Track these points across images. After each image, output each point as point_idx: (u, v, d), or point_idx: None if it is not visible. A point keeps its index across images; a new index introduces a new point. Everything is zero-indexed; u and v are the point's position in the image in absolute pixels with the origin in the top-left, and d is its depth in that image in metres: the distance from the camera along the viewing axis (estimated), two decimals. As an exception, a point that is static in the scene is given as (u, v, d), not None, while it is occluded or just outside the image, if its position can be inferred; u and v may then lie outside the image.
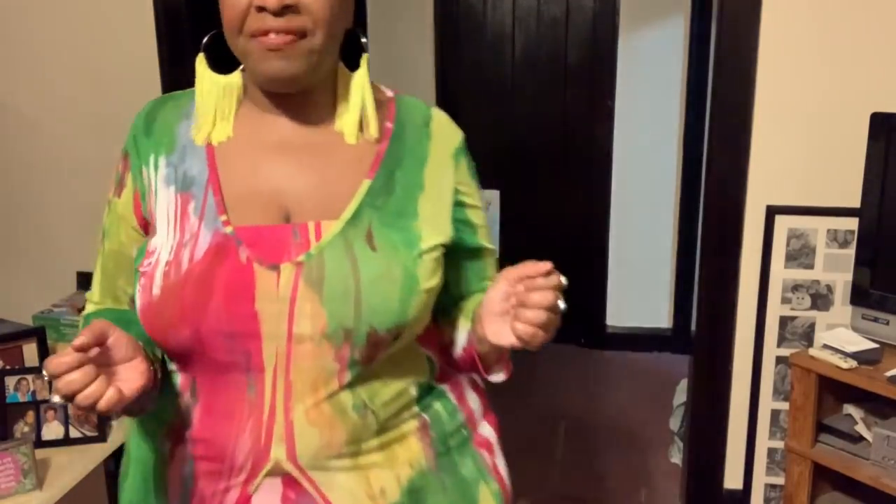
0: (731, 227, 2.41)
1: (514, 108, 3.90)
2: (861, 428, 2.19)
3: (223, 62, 1.03)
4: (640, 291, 3.98)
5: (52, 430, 2.19)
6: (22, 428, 2.15)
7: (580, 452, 3.10)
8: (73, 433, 2.20)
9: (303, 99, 1.00)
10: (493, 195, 3.92)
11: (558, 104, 3.88)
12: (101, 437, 2.24)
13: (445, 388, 1.10)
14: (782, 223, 2.38)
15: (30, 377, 2.17)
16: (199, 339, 0.94)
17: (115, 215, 1.07)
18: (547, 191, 3.96)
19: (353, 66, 1.02)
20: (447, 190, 1.05)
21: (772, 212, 2.37)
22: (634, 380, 3.72)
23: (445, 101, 3.91)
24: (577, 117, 3.87)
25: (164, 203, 1.00)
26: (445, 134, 1.08)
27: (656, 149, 3.81)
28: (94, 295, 1.11)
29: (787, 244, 2.39)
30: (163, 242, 0.97)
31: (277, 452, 0.96)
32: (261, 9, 0.91)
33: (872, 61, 2.25)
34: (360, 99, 1.01)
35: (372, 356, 0.97)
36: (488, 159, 3.91)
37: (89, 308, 1.12)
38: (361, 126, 1.02)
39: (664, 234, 3.90)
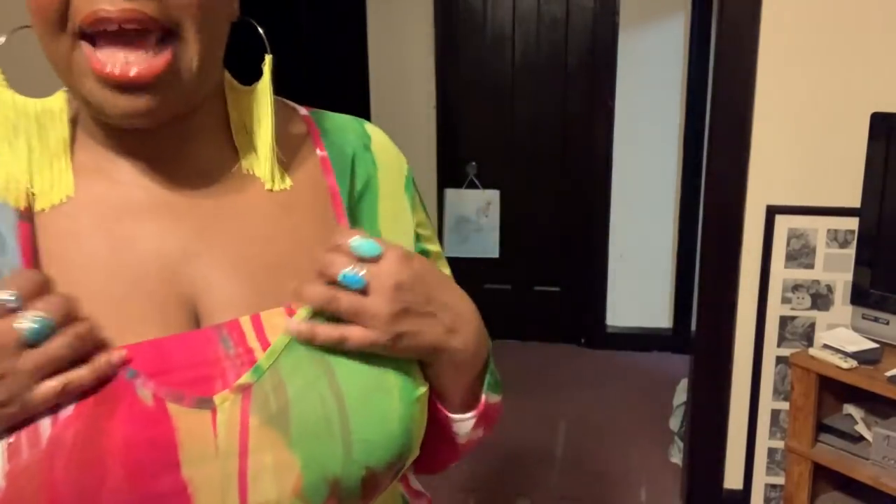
0: (731, 227, 2.41)
1: (514, 108, 3.90)
2: (861, 428, 2.19)
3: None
4: (640, 291, 3.98)
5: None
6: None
7: (580, 452, 3.10)
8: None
9: (172, 131, 0.63)
10: (493, 195, 3.92)
11: (558, 104, 3.87)
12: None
13: None
14: (782, 223, 2.38)
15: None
16: None
17: None
18: (547, 191, 3.96)
19: (248, 74, 0.70)
20: (407, 236, 0.74)
21: (772, 212, 2.37)
22: (634, 380, 3.72)
23: (445, 100, 3.91)
24: (577, 117, 3.87)
25: None
26: (391, 158, 0.76)
27: (656, 149, 3.81)
28: None
29: (787, 244, 2.39)
30: None
31: None
32: None
33: (872, 61, 2.25)
34: (268, 124, 0.67)
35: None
36: (488, 159, 3.93)
37: None
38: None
39: (664, 234, 3.90)
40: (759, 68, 2.30)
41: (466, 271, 2.93)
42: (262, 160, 0.67)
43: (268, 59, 0.68)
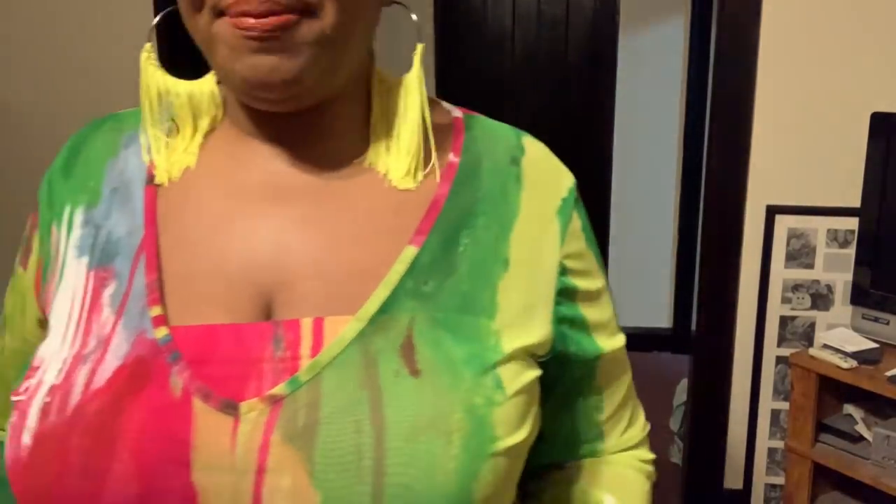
0: (731, 227, 2.41)
1: (514, 108, 3.90)
2: (861, 428, 2.18)
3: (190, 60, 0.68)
4: (640, 291, 3.97)
5: (52, 430, 2.20)
6: (22, 428, 2.15)
7: (580, 452, 3.10)
8: (73, 433, 2.20)
9: (311, 119, 0.61)
10: (493, 195, 3.92)
11: (558, 104, 3.87)
12: (102, 437, 2.24)
13: None
14: (782, 223, 2.37)
15: (30, 377, 2.18)
16: None
17: (18, 295, 0.68)
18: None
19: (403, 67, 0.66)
20: (548, 270, 0.63)
21: (772, 212, 2.37)
22: (634, 380, 3.71)
23: (445, 100, 3.90)
24: (577, 117, 3.87)
25: (69, 285, 0.60)
26: (545, 177, 0.67)
27: (656, 149, 3.81)
28: None
29: (787, 244, 2.39)
30: (54, 353, 0.57)
31: None
32: None
33: (872, 61, 2.25)
34: (416, 117, 0.62)
35: None
36: (488, 159, 3.93)
37: None
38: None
39: (664, 234, 3.90)
40: (759, 68, 2.30)
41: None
42: (392, 154, 0.62)
43: (419, 48, 0.64)
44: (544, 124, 3.89)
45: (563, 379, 0.66)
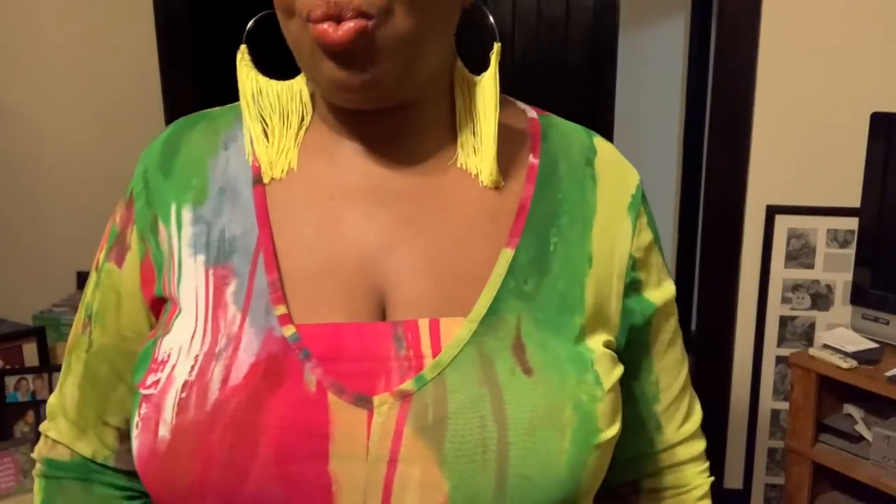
0: (731, 227, 2.41)
1: (514, 108, 3.91)
2: (861, 428, 2.19)
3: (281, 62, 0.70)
4: (640, 291, 3.98)
5: (52, 430, 2.20)
6: (22, 428, 2.15)
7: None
8: (73, 433, 2.20)
9: (397, 118, 0.63)
10: (493, 195, 3.92)
11: (558, 104, 3.87)
12: (101, 437, 2.24)
13: None
14: (782, 223, 2.38)
15: (30, 377, 2.17)
16: None
17: (110, 291, 0.68)
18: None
19: (482, 67, 0.66)
20: (620, 263, 0.66)
21: (772, 212, 2.37)
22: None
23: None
24: (577, 117, 3.85)
25: (190, 282, 0.62)
26: (616, 175, 0.71)
27: (656, 149, 3.81)
28: (63, 422, 0.72)
29: (787, 244, 2.39)
30: (182, 348, 0.60)
31: None
32: None
33: (872, 61, 2.25)
34: (494, 118, 0.64)
35: None
36: (488, 159, 3.93)
37: (54, 452, 0.72)
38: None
39: (664, 235, 3.89)
40: (759, 68, 2.30)
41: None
42: (480, 155, 0.64)
43: (496, 47, 0.64)
44: (544, 124, 3.90)
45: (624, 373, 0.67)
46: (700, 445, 0.79)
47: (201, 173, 0.65)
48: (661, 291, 0.70)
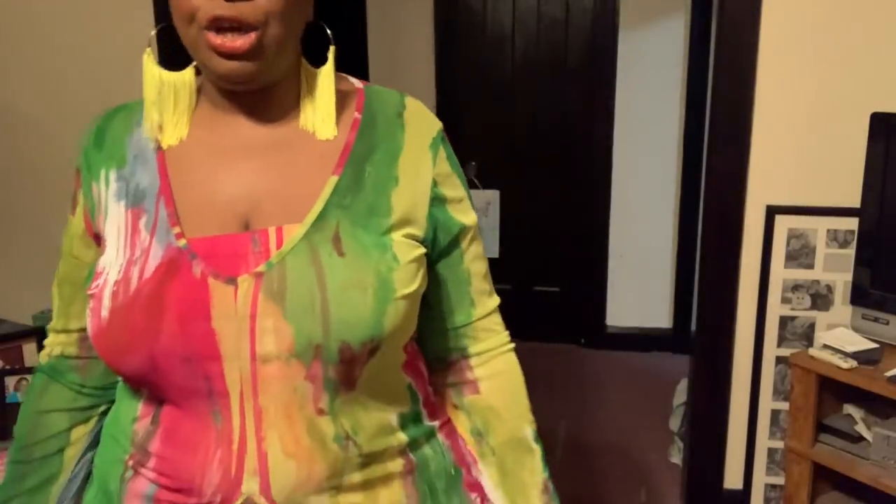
0: (731, 227, 2.41)
1: (514, 108, 3.90)
2: (861, 428, 2.19)
3: (175, 58, 0.94)
4: (640, 291, 3.98)
5: (52, 430, 2.19)
6: (22, 428, 2.15)
7: (580, 452, 3.10)
8: (73, 433, 2.20)
9: (264, 96, 0.91)
10: (493, 195, 3.92)
11: (558, 104, 3.87)
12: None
13: (436, 425, 0.99)
14: (782, 223, 2.38)
15: (30, 377, 2.17)
16: (153, 364, 0.85)
17: (69, 235, 1.01)
18: (547, 191, 3.96)
19: (321, 62, 0.94)
20: (424, 182, 0.94)
21: (772, 212, 2.37)
22: (634, 380, 3.72)
23: (445, 101, 3.91)
24: (577, 117, 3.87)
25: (114, 220, 0.92)
26: (422, 123, 0.97)
27: (656, 149, 3.81)
28: (55, 325, 1.04)
29: (787, 244, 2.39)
30: (111, 261, 0.89)
31: (249, 486, 0.86)
32: None
33: (872, 61, 2.25)
34: (327, 93, 0.93)
35: (350, 375, 0.88)
36: (488, 159, 3.93)
37: (47, 349, 1.05)
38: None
39: (664, 234, 3.90)
40: (759, 68, 2.30)
41: (466, 271, 2.93)
42: (318, 118, 0.93)
43: (332, 49, 0.94)
44: (544, 124, 3.89)
45: (442, 263, 0.99)
46: (499, 318, 1.06)
47: (121, 147, 0.95)
48: (468, 217, 0.99)
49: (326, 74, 0.93)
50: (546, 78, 3.87)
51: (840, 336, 2.19)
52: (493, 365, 1.04)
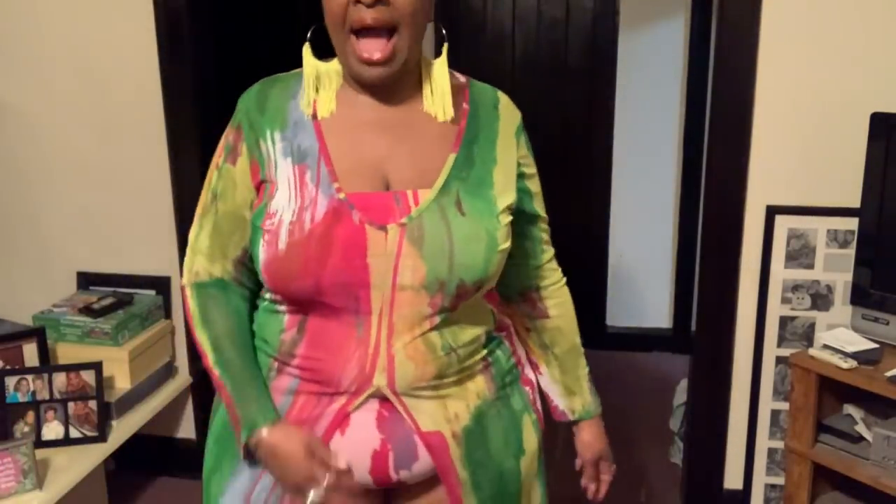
0: (731, 227, 2.41)
1: (514, 108, 3.90)
2: (861, 428, 2.19)
3: (322, 51, 1.21)
4: (640, 291, 3.98)
5: (52, 430, 2.19)
6: (22, 428, 2.15)
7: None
8: (73, 433, 2.20)
9: (393, 84, 1.17)
10: (493, 195, 3.92)
11: (558, 104, 3.87)
12: (101, 437, 2.24)
13: (502, 335, 1.33)
14: (782, 223, 2.38)
15: (30, 377, 2.17)
16: (318, 288, 1.12)
17: (228, 180, 1.21)
18: (546, 191, 3.95)
19: (437, 54, 1.22)
20: (513, 163, 1.25)
21: (772, 212, 2.37)
22: (634, 380, 3.72)
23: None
24: (577, 117, 3.87)
25: (283, 172, 1.16)
26: (510, 114, 1.28)
27: (656, 149, 3.81)
28: (200, 259, 1.24)
29: (787, 244, 2.39)
30: (284, 205, 1.14)
31: (379, 380, 1.16)
32: (357, 2, 1.10)
33: (872, 61, 2.25)
34: (444, 83, 1.20)
35: (456, 305, 1.17)
36: (488, 159, 3.93)
37: (200, 277, 1.24)
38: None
39: (664, 234, 3.90)
40: (759, 68, 2.30)
41: (466, 271, 2.92)
42: (437, 103, 1.20)
43: (445, 46, 1.21)
44: (544, 124, 3.89)
45: (521, 222, 1.29)
46: (556, 261, 1.42)
47: (284, 112, 1.19)
48: (537, 187, 1.32)
49: (441, 66, 1.21)
50: (546, 78, 3.87)
51: (840, 336, 2.19)
52: (556, 296, 1.41)
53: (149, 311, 2.58)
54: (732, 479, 2.58)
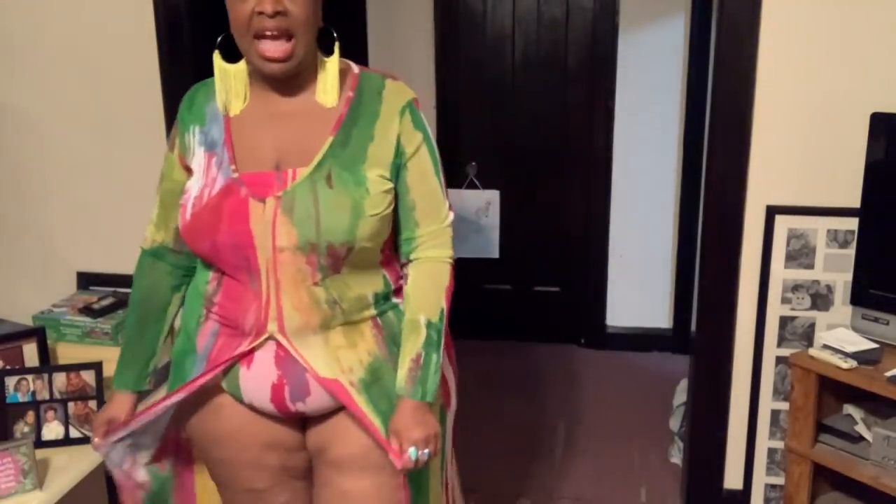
0: (731, 227, 2.41)
1: (514, 108, 3.90)
2: (861, 428, 2.19)
3: (231, 54, 1.42)
4: (640, 291, 3.98)
5: (52, 430, 2.19)
6: (22, 428, 2.15)
7: (580, 452, 3.10)
8: (73, 433, 2.20)
9: (291, 79, 1.42)
10: (493, 195, 3.92)
11: (558, 104, 3.87)
12: (101, 437, 2.23)
13: (399, 301, 1.53)
14: (782, 223, 2.38)
15: (30, 377, 2.17)
16: (215, 248, 1.41)
17: (168, 164, 1.54)
18: (547, 191, 3.96)
19: (330, 52, 1.45)
20: (392, 139, 1.44)
21: (772, 212, 2.37)
22: (634, 380, 3.72)
23: (445, 101, 3.91)
24: (577, 117, 3.87)
25: (198, 158, 1.46)
26: (395, 97, 1.46)
27: (656, 149, 3.81)
28: (151, 227, 1.58)
29: (787, 244, 2.39)
30: (193, 185, 1.44)
31: (271, 327, 1.43)
32: (260, 13, 1.33)
33: (872, 61, 2.25)
34: (333, 77, 1.43)
35: (336, 264, 1.41)
36: (488, 159, 3.93)
37: (146, 242, 1.59)
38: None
39: (664, 234, 3.90)
40: (759, 68, 2.30)
41: (466, 271, 2.92)
42: (326, 93, 1.44)
43: (337, 44, 1.44)
44: (544, 124, 3.89)
45: (396, 195, 1.48)
46: (445, 238, 1.54)
47: (203, 111, 1.49)
48: (423, 164, 1.48)
49: (332, 62, 1.44)
50: (546, 78, 3.87)
51: (840, 336, 2.19)
52: (416, 269, 1.51)
53: (149, 311, 2.57)
54: (732, 479, 2.58)
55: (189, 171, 1.47)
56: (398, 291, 1.52)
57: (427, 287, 1.49)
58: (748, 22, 2.27)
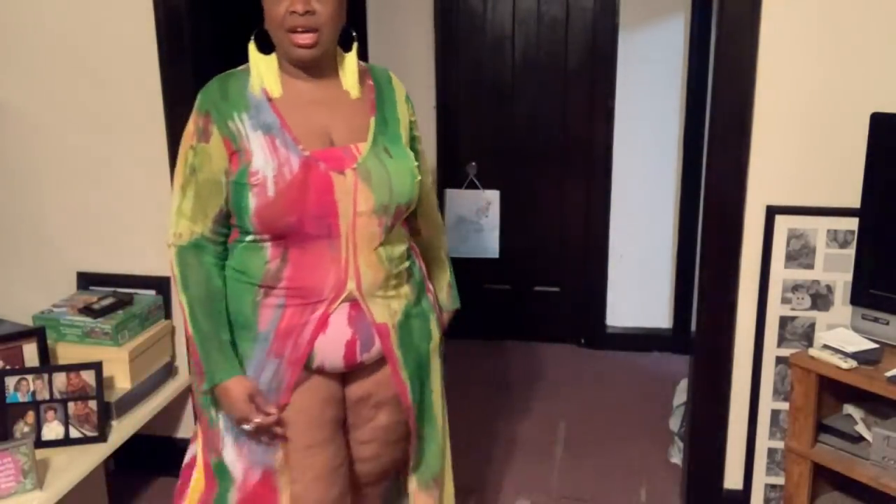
0: (731, 227, 2.41)
1: (514, 108, 3.90)
2: (861, 428, 2.19)
3: (262, 46, 1.63)
4: (640, 291, 3.98)
5: (52, 430, 2.19)
6: (22, 428, 2.15)
7: (580, 452, 3.10)
8: (73, 433, 2.20)
9: (316, 70, 1.63)
10: (493, 195, 3.92)
11: (558, 105, 3.87)
12: (101, 437, 2.24)
13: (414, 254, 1.80)
14: (782, 223, 2.38)
15: (30, 377, 2.17)
16: (300, 222, 1.56)
17: (204, 155, 1.60)
18: (547, 191, 3.96)
19: (348, 49, 1.68)
20: (407, 122, 1.74)
21: (772, 212, 2.37)
22: (634, 380, 3.72)
23: (445, 101, 3.90)
24: (577, 117, 3.87)
25: (256, 142, 1.57)
26: (399, 87, 1.77)
27: (656, 149, 3.81)
28: (184, 221, 1.63)
29: (787, 244, 2.39)
30: (264, 165, 1.55)
31: (350, 285, 1.62)
32: (293, 12, 1.53)
33: (872, 61, 2.25)
34: (353, 69, 1.67)
35: (394, 224, 1.66)
36: (488, 159, 3.93)
37: (182, 238, 1.64)
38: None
39: (664, 234, 3.90)
40: (759, 69, 2.30)
41: (466, 271, 2.93)
42: (350, 83, 1.67)
43: (355, 44, 1.67)
44: (544, 124, 3.89)
45: None
46: (434, 194, 1.94)
47: (244, 97, 1.62)
48: (420, 144, 1.79)
49: (351, 57, 1.68)
50: (546, 78, 3.87)
51: (840, 336, 2.19)
52: (427, 220, 1.86)
53: (149, 312, 2.58)
54: (732, 479, 2.58)
55: (232, 157, 1.58)
56: (411, 244, 1.79)
57: (436, 232, 1.90)
58: (748, 22, 2.27)
